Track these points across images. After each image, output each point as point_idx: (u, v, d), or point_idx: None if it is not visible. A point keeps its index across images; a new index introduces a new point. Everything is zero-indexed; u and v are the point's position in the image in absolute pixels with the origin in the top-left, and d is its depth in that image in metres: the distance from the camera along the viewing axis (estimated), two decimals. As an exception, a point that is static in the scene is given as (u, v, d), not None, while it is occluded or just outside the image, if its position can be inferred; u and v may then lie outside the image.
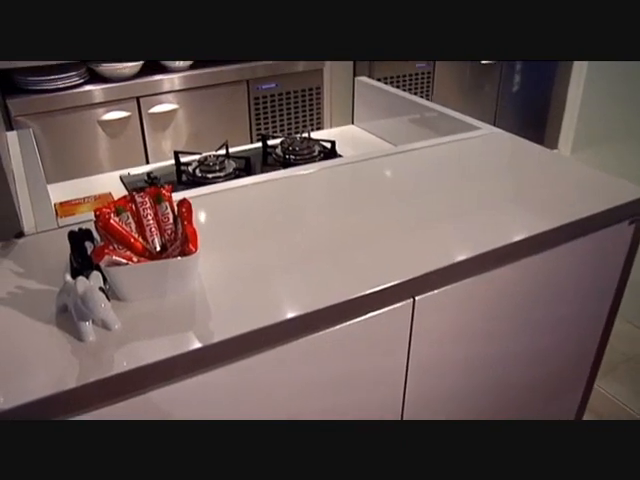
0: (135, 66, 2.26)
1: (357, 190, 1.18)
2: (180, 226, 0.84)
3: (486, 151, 1.37)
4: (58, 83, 2.16)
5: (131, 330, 0.77)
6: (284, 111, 2.59)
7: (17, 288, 0.88)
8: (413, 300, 0.94)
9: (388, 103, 1.72)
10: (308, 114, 2.66)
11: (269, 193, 1.16)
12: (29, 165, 1.28)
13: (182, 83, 2.34)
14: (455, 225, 1.04)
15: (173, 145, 2.40)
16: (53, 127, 2.18)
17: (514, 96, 3.28)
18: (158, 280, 0.79)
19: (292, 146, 1.55)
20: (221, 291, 0.85)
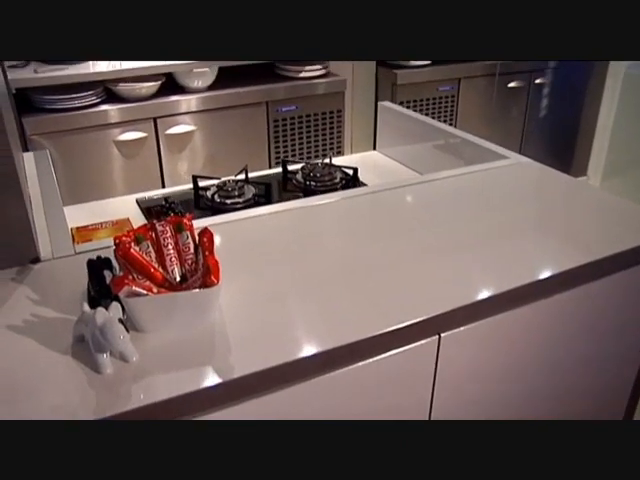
0: (153, 86, 2.31)
1: (379, 220, 1.19)
2: (201, 256, 0.85)
3: (514, 182, 1.38)
4: (75, 102, 2.21)
5: (149, 363, 0.78)
6: (304, 134, 2.62)
7: (32, 316, 0.89)
8: (439, 337, 0.94)
9: (411, 129, 1.74)
10: (329, 138, 2.69)
11: (290, 222, 1.18)
12: (45, 187, 1.31)
13: (200, 104, 2.39)
14: (482, 258, 1.05)
15: (189, 167, 2.44)
16: (68, 147, 2.23)
17: (541, 120, 3.29)
18: (178, 312, 0.81)
19: (313, 172, 1.57)
20: (241, 323, 0.86)
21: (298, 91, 2.55)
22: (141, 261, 0.82)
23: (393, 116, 1.79)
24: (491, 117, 3.08)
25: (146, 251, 0.85)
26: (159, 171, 2.40)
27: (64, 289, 0.95)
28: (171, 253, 0.86)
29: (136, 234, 0.85)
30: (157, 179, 2.40)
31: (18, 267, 1.01)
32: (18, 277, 0.99)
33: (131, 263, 0.81)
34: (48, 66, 2.27)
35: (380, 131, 1.84)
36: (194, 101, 2.37)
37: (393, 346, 0.91)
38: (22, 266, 1.01)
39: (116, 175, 2.34)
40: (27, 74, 2.18)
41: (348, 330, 0.86)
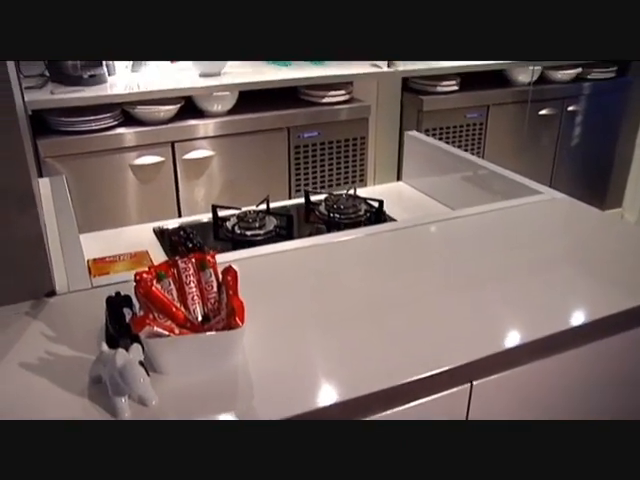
0: (171, 109, 2.35)
1: (406, 258, 1.19)
2: (224, 295, 0.85)
3: (548, 219, 1.38)
4: (91, 124, 2.25)
5: (168, 407, 0.78)
6: (326, 161, 2.65)
7: (47, 353, 0.90)
8: (470, 385, 0.93)
9: (439, 160, 1.75)
10: (351, 165, 2.71)
11: (314, 259, 1.18)
12: (62, 215, 1.33)
13: (219, 129, 2.42)
14: (515, 300, 1.04)
15: (207, 193, 2.46)
16: (83, 170, 2.26)
17: (574, 149, 3.29)
18: (201, 354, 0.81)
19: (337, 204, 1.58)
20: (264, 365, 0.86)
21: (320, 117, 2.58)
22: (163, 300, 0.82)
23: (420, 146, 1.80)
24: (521, 145, 3.08)
25: (167, 289, 0.85)
26: (175, 197, 2.42)
27: (80, 325, 0.96)
28: (193, 291, 0.87)
29: (157, 271, 0.86)
30: (173, 205, 2.43)
31: (33, 300, 1.02)
32: (32, 311, 1.00)
33: (152, 302, 0.82)
34: (65, 87, 2.32)
35: (406, 161, 1.85)
36: (213, 125, 2.41)
37: (422, 394, 0.90)
38: (37, 299, 1.02)
39: (131, 200, 2.37)
40: (44, 95, 2.23)
41: (373, 376, 0.86)
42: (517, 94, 3.01)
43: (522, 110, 3.01)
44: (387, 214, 1.59)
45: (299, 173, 2.61)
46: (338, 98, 2.62)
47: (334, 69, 2.67)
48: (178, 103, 2.36)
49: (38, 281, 1.03)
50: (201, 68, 2.50)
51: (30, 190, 0.98)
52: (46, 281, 1.03)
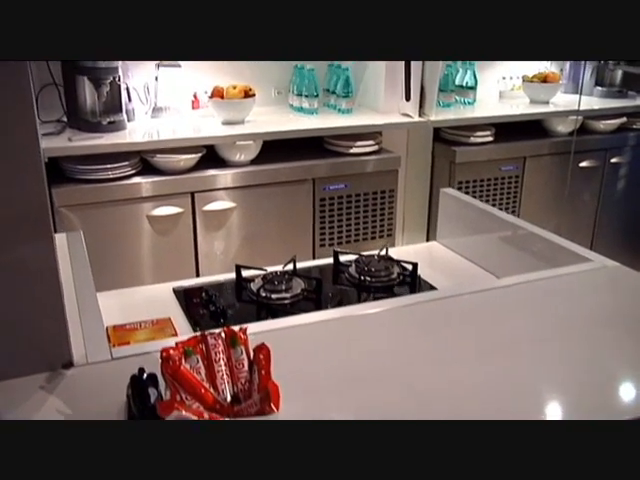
0: (192, 159, 2.39)
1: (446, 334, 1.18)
2: (256, 375, 0.84)
3: (600, 292, 1.36)
4: (108, 173, 2.29)
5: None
6: (352, 215, 2.66)
7: (64, 431, 0.89)
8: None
9: (476, 219, 1.74)
10: (379, 219, 2.72)
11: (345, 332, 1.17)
12: (79, 277, 1.34)
13: (241, 179, 2.45)
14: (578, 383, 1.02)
15: (227, 246, 2.48)
16: (97, 220, 2.29)
17: (617, 205, 3.27)
18: (230, 443, 0.80)
19: (368, 266, 1.57)
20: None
21: (347, 168, 2.60)
22: (191, 380, 0.82)
23: (455, 204, 1.80)
24: (560, 200, 3.07)
25: (195, 367, 0.85)
26: (194, 250, 2.44)
27: (100, 401, 0.95)
28: (222, 370, 0.86)
29: (185, 347, 0.85)
30: (191, 258, 2.44)
31: (49, 372, 1.01)
32: (48, 385, 0.99)
33: (180, 382, 0.81)
34: (83, 134, 2.37)
35: (441, 220, 1.85)
36: (235, 176, 2.44)
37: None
38: (53, 371, 1.02)
39: (147, 252, 2.38)
40: (61, 142, 2.28)
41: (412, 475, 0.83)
42: (556, 145, 3.02)
43: (561, 162, 3.02)
44: (421, 277, 1.58)
45: (324, 227, 2.62)
46: (366, 149, 2.64)
47: (362, 118, 2.71)
48: (199, 152, 2.40)
49: (55, 352, 1.02)
50: (224, 115, 2.55)
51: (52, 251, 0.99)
52: (64, 352, 1.03)
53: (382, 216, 2.72)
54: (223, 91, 2.54)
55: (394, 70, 2.71)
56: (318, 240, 2.63)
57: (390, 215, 2.73)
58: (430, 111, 2.71)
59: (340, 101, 2.76)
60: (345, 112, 2.76)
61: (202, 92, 2.68)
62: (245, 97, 2.53)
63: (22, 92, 0.91)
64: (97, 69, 2.36)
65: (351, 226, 2.67)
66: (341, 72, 2.75)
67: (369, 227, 2.71)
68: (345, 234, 2.67)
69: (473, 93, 3.07)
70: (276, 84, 2.91)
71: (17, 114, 0.91)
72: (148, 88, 2.64)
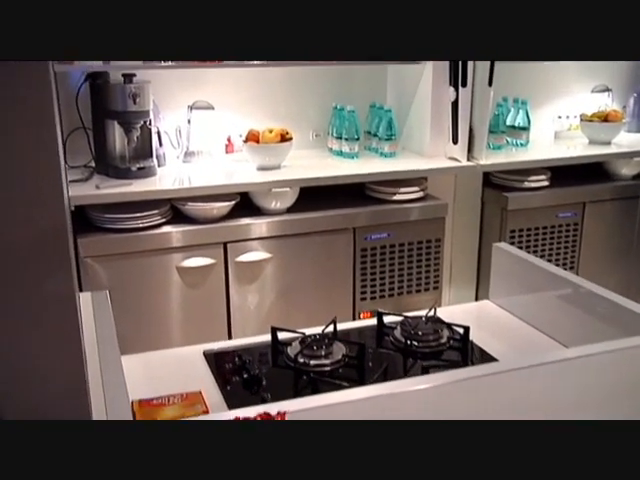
0: (225, 207, 2.40)
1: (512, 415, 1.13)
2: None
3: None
4: (137, 222, 2.31)
5: None
6: (395, 266, 2.63)
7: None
8: None
9: (532, 277, 1.70)
10: (424, 270, 2.69)
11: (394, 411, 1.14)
12: (103, 341, 1.33)
13: (277, 228, 2.45)
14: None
15: (261, 300, 2.47)
16: (124, 272, 2.30)
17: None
18: None
19: (415, 329, 1.54)
20: None
21: (390, 216, 2.59)
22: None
23: (509, 260, 1.76)
24: (625, 251, 3.00)
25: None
26: (225, 303, 2.44)
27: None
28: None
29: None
30: (223, 312, 2.44)
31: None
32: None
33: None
34: (111, 180, 2.41)
35: (494, 277, 1.81)
36: (270, 225, 2.44)
37: None
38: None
39: (177, 305, 2.38)
40: (88, 190, 2.32)
41: None
42: (619, 190, 2.96)
43: (625, 208, 2.95)
44: (473, 342, 1.54)
45: (365, 279, 2.60)
46: (410, 195, 2.63)
47: (406, 163, 2.70)
48: (232, 200, 2.41)
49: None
50: (259, 160, 2.57)
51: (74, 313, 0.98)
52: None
53: (428, 268, 2.68)
54: (258, 135, 2.56)
55: (440, 111, 2.71)
56: (359, 293, 2.60)
57: (436, 267, 2.70)
58: (479, 154, 2.69)
59: (382, 144, 2.77)
60: (388, 156, 2.76)
61: (236, 135, 2.71)
62: (282, 141, 2.55)
63: (49, 136, 0.92)
64: (128, 113, 2.40)
65: (394, 278, 2.64)
66: (383, 113, 2.76)
67: (414, 280, 2.67)
68: (388, 287, 2.64)
69: (526, 134, 3.04)
70: (314, 126, 2.93)
71: (42, 159, 0.92)
72: (180, 131, 2.68)
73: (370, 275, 2.61)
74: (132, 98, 2.37)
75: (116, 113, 2.41)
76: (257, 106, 2.82)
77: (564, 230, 2.88)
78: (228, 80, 2.74)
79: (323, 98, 2.90)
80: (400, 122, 2.85)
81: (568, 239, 2.90)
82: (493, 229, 2.81)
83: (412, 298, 2.66)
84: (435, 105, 2.72)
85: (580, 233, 2.91)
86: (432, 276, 2.70)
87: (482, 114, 2.66)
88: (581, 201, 2.90)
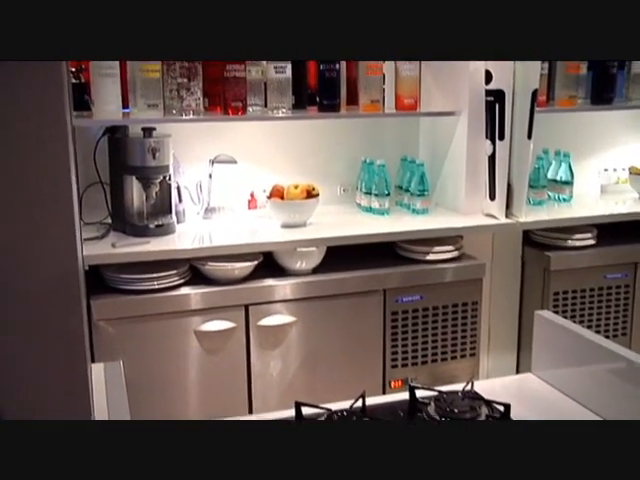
0: (247, 267, 2.42)
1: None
2: None
3: None
4: (154, 283, 2.33)
5: None
6: (429, 331, 2.62)
7: None
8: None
9: (579, 349, 1.66)
10: (460, 336, 2.66)
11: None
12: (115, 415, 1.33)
13: (301, 290, 2.45)
14: None
15: (284, 367, 2.46)
16: (139, 335, 2.31)
17: None
18: None
19: (450, 406, 1.52)
20: None
21: (423, 277, 2.58)
22: None
23: (553, 330, 1.73)
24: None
25: None
26: (246, 370, 2.43)
27: None
28: None
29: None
30: (243, 380, 2.43)
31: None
32: None
33: None
34: (128, 238, 2.43)
35: (536, 348, 1.78)
36: (295, 286, 2.45)
37: None
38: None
39: (194, 373, 2.38)
40: (104, 249, 2.34)
41: None
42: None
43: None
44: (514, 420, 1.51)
45: (396, 345, 2.58)
46: (445, 255, 2.62)
47: (440, 220, 2.70)
48: (255, 259, 2.43)
49: None
50: (284, 218, 2.59)
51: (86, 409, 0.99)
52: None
53: (464, 333, 2.66)
54: (283, 190, 2.59)
55: (476, 165, 2.72)
56: (389, 360, 2.58)
57: (473, 332, 2.67)
58: (519, 211, 2.68)
59: (414, 200, 2.77)
60: (420, 213, 2.77)
61: (260, 191, 2.74)
62: (308, 197, 2.57)
63: (64, 189, 0.95)
64: (147, 168, 2.44)
65: (427, 344, 2.62)
66: (415, 167, 2.77)
67: (448, 346, 2.65)
68: (421, 354, 2.61)
69: (569, 188, 3.03)
70: (342, 181, 2.96)
71: (56, 215, 0.95)
72: (201, 186, 2.72)
73: (401, 341, 2.59)
74: (151, 153, 2.41)
75: (134, 168, 2.46)
76: (282, 159, 2.85)
77: (614, 293, 2.84)
78: (252, 132, 2.79)
79: (351, 151, 2.93)
80: (433, 177, 2.86)
81: (619, 302, 2.85)
82: (535, 291, 2.78)
83: (447, 366, 2.63)
84: (470, 159, 2.73)
85: (632, 296, 2.87)
86: (468, 342, 2.67)
87: (521, 168, 2.66)
88: (632, 261, 2.86)
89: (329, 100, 2.63)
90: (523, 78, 2.56)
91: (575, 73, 2.90)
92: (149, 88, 2.40)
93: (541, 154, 3.01)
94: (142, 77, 2.40)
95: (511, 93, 2.57)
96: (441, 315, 2.62)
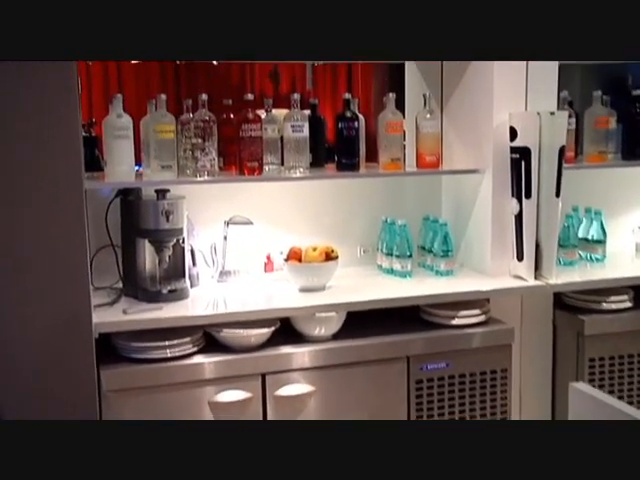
0: (263, 334, 2.42)
1: None
2: None
3: None
4: (166, 351, 2.33)
5: None
6: (456, 400, 2.59)
7: None
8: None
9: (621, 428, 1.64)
10: (489, 406, 2.63)
11: None
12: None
13: (320, 358, 2.45)
14: None
15: (301, 441, 2.43)
16: (151, 407, 2.30)
17: None
18: None
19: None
20: None
21: (449, 343, 2.57)
22: None
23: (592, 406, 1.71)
24: None
25: None
26: (262, 444, 2.40)
27: None
28: None
29: None
30: (258, 455, 2.40)
31: None
32: None
33: None
34: (140, 304, 2.44)
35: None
36: (314, 354, 2.44)
37: None
38: None
39: (206, 447, 2.36)
40: (114, 315, 2.36)
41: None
42: None
43: None
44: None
45: (421, 415, 2.56)
46: (471, 319, 2.61)
47: (465, 282, 2.70)
48: (272, 326, 2.43)
49: None
50: (301, 281, 2.59)
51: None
52: None
53: (493, 402, 2.63)
54: (301, 253, 2.60)
55: (502, 224, 2.72)
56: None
57: (503, 402, 2.64)
58: (549, 272, 2.67)
59: (438, 261, 2.77)
60: (444, 274, 2.77)
61: (277, 253, 2.76)
62: (326, 260, 2.58)
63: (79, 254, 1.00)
64: (160, 231, 2.47)
65: (454, 415, 2.59)
66: (438, 227, 2.78)
67: (477, 417, 2.62)
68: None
69: (602, 248, 3.02)
70: (362, 241, 2.97)
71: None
72: (215, 249, 2.74)
73: (427, 410, 2.56)
74: (165, 215, 2.44)
75: (147, 231, 2.49)
76: (299, 219, 2.88)
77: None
78: (268, 192, 2.81)
79: (371, 210, 2.95)
80: (457, 237, 2.86)
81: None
82: (568, 358, 2.75)
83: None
84: (496, 218, 2.73)
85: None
86: (498, 412, 2.64)
87: (550, 227, 2.66)
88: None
89: (348, 159, 2.66)
90: (549, 134, 2.58)
91: (604, 128, 2.93)
92: (163, 149, 2.45)
93: (570, 212, 3.01)
94: (156, 138, 2.45)
95: (537, 150, 2.58)
96: (468, 383, 2.59)
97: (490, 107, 2.68)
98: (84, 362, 2.21)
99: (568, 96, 2.88)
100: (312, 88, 4.96)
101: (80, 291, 2.19)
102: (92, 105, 4.86)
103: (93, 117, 2.53)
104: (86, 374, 2.23)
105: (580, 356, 2.72)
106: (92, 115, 3.97)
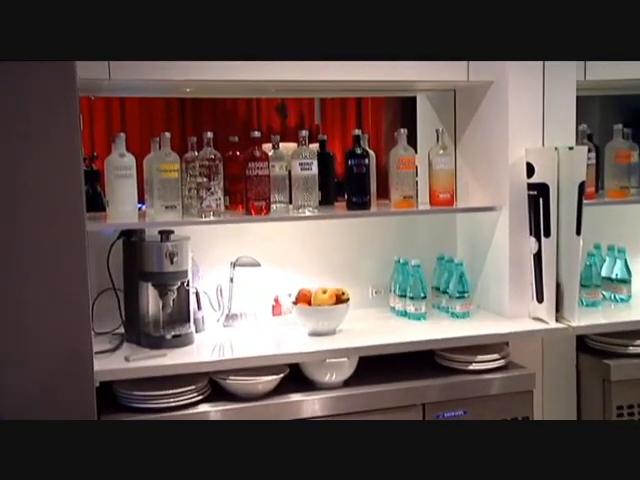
0: (272, 381, 2.41)
1: None
2: None
3: None
4: (170, 400, 2.32)
5: None
6: (474, 451, 2.55)
7: None
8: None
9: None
10: (510, 457, 2.59)
11: None
12: None
13: (331, 406, 2.44)
14: None
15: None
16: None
17: None
18: None
19: None
20: None
21: (466, 389, 2.55)
22: None
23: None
24: None
25: None
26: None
27: None
28: None
29: None
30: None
31: None
32: None
33: None
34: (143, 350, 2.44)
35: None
36: (324, 401, 2.43)
37: None
38: None
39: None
40: (116, 362, 2.35)
41: None
42: None
43: None
44: None
45: (438, 467, 2.52)
46: (489, 364, 2.60)
47: (482, 325, 2.69)
48: (281, 372, 2.42)
49: None
50: (311, 325, 2.59)
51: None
52: None
53: (515, 453, 2.60)
54: (310, 295, 2.60)
55: (520, 264, 2.71)
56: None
57: (525, 452, 2.61)
58: (571, 314, 2.65)
59: (454, 303, 2.77)
60: (460, 317, 2.76)
61: (285, 296, 2.75)
62: (337, 303, 2.58)
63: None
64: (164, 274, 2.47)
65: (474, 466, 2.56)
66: (454, 267, 2.78)
67: (498, 468, 2.58)
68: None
69: (627, 287, 3.00)
70: (374, 282, 2.97)
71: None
72: (221, 291, 2.74)
73: (444, 462, 2.53)
74: (169, 257, 2.44)
75: (151, 274, 2.49)
76: (308, 260, 2.88)
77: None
78: (276, 232, 2.82)
79: (383, 250, 2.95)
80: (473, 277, 2.86)
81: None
82: (594, 405, 2.72)
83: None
84: (514, 257, 2.73)
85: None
86: (520, 463, 2.61)
87: (571, 266, 2.65)
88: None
89: (358, 197, 2.67)
90: (568, 170, 2.58)
91: (625, 162, 2.92)
92: (167, 189, 2.46)
93: (592, 250, 3.00)
94: (160, 177, 2.46)
95: (556, 186, 2.58)
96: (488, 433, 2.56)
97: (506, 142, 2.69)
98: (84, 412, 2.19)
99: (587, 129, 2.89)
100: (321, 122, 4.99)
101: (81, 338, 2.17)
102: (94, 140, 4.89)
103: (95, 151, 2.54)
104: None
105: (607, 403, 2.69)
106: (94, 149, 3.99)
